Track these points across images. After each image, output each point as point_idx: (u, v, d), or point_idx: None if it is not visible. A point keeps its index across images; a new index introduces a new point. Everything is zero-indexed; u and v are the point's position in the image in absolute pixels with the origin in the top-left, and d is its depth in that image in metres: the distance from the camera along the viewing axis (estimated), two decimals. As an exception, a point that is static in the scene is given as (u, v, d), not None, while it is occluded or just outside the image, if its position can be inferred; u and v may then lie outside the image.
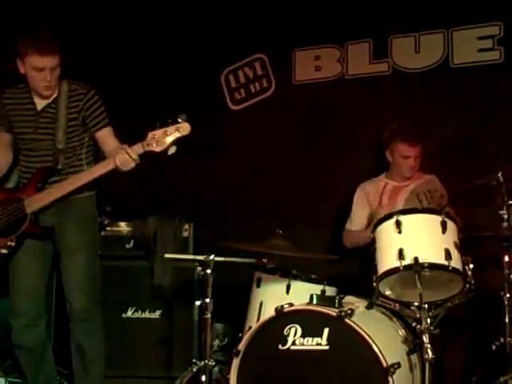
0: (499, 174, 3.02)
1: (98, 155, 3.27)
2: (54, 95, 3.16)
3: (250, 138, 4.51)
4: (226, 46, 4.61)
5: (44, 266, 3.20)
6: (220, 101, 4.65)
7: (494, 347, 2.99)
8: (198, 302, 3.28)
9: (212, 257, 3.29)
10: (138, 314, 3.89)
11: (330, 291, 3.16)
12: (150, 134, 2.95)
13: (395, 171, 3.73)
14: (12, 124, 3.22)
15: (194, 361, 3.20)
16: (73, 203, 3.14)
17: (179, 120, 2.94)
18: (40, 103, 3.17)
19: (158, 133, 2.94)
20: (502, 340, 2.94)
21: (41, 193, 3.10)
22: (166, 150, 2.94)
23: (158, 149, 2.93)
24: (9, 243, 3.09)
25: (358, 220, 3.75)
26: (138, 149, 2.96)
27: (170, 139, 2.92)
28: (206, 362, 3.13)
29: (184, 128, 2.94)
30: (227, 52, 4.63)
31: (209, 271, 3.28)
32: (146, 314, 3.89)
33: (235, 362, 2.88)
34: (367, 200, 3.76)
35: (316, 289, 3.12)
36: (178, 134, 2.93)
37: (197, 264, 3.40)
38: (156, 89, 4.65)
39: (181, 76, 4.67)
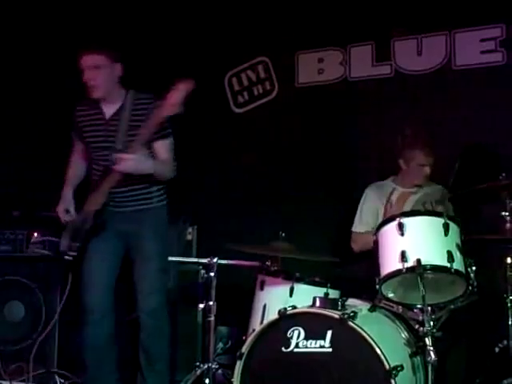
0: (502, 176, 3.02)
1: None
2: (120, 103, 3.29)
3: (253, 140, 4.52)
4: (229, 49, 4.63)
5: (113, 267, 3.35)
6: (223, 104, 4.66)
7: (497, 350, 2.99)
8: (201, 305, 3.29)
9: (215, 260, 3.30)
10: (142, 317, 3.89)
11: (334, 294, 3.16)
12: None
13: (407, 178, 3.71)
14: (84, 134, 3.38)
15: (197, 364, 3.21)
16: (148, 212, 3.33)
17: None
18: (108, 112, 3.31)
19: (159, 103, 3.10)
20: (505, 342, 2.94)
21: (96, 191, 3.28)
22: (176, 111, 3.05)
23: (167, 113, 3.06)
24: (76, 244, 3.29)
25: (365, 221, 3.74)
26: (142, 136, 3.11)
27: (175, 100, 3.04)
28: (210, 364, 3.14)
29: (187, 85, 3.06)
30: (230, 55, 4.65)
31: (212, 274, 3.30)
32: (150, 317, 3.88)
33: (238, 365, 2.89)
34: (374, 204, 3.74)
35: (319, 291, 3.12)
36: (182, 93, 3.05)
37: (200, 267, 3.42)
38: (159, 91, 4.65)
39: (184, 78, 4.68)
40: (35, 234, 3.84)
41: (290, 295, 3.14)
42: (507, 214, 3.00)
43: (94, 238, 3.29)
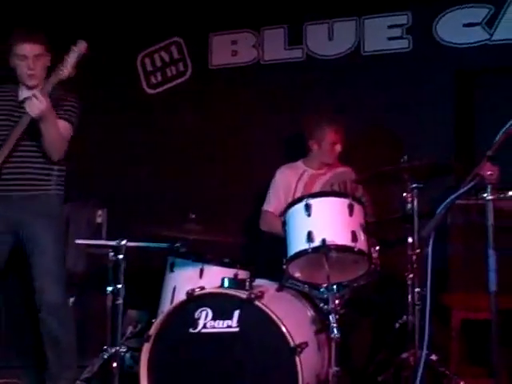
0: (404, 158, 3.12)
1: None
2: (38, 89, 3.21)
3: (166, 121, 4.47)
4: (142, 29, 4.55)
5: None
6: (136, 84, 4.59)
7: (397, 325, 3.11)
8: (110, 288, 3.25)
9: (124, 242, 3.26)
10: (50, 302, 3.79)
11: (243, 275, 3.18)
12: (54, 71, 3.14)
13: (318, 158, 3.76)
14: None
15: (105, 347, 3.17)
16: (40, 199, 3.21)
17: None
18: (22, 95, 3.25)
19: (59, 65, 3.11)
20: (404, 318, 3.06)
21: None
22: (71, 73, 3.11)
23: (63, 74, 3.09)
24: None
25: (276, 201, 3.77)
26: (47, 86, 3.12)
27: (70, 61, 3.10)
28: (118, 348, 3.11)
29: (80, 46, 3.12)
30: (143, 35, 4.57)
31: (121, 256, 3.26)
32: (59, 302, 3.79)
33: (146, 347, 2.87)
34: (286, 184, 3.79)
35: (229, 272, 3.14)
36: (75, 54, 3.10)
37: (109, 249, 3.36)
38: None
39: (96, 58, 4.56)
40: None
41: (200, 277, 3.15)
42: (408, 195, 3.10)
43: None
